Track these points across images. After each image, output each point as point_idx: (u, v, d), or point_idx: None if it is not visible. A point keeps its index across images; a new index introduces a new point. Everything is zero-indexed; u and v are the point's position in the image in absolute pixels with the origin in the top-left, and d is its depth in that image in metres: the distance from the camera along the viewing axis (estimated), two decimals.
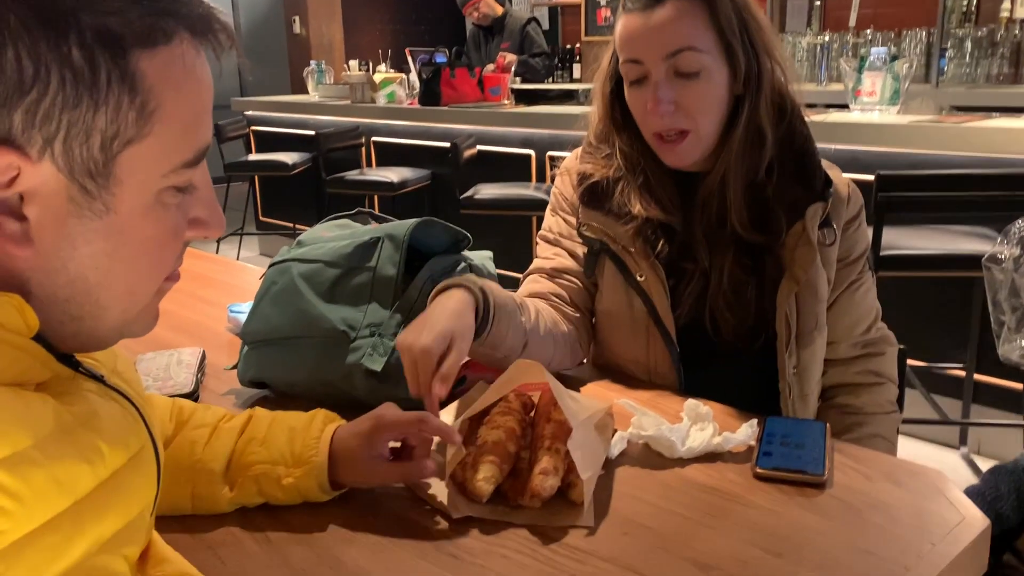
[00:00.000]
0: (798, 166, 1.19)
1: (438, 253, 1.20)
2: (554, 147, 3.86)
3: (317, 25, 6.70)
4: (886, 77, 2.96)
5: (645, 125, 1.19)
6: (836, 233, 1.21)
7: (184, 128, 0.56)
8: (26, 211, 0.52)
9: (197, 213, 0.61)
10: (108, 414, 0.59)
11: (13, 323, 0.52)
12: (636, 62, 1.15)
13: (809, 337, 1.21)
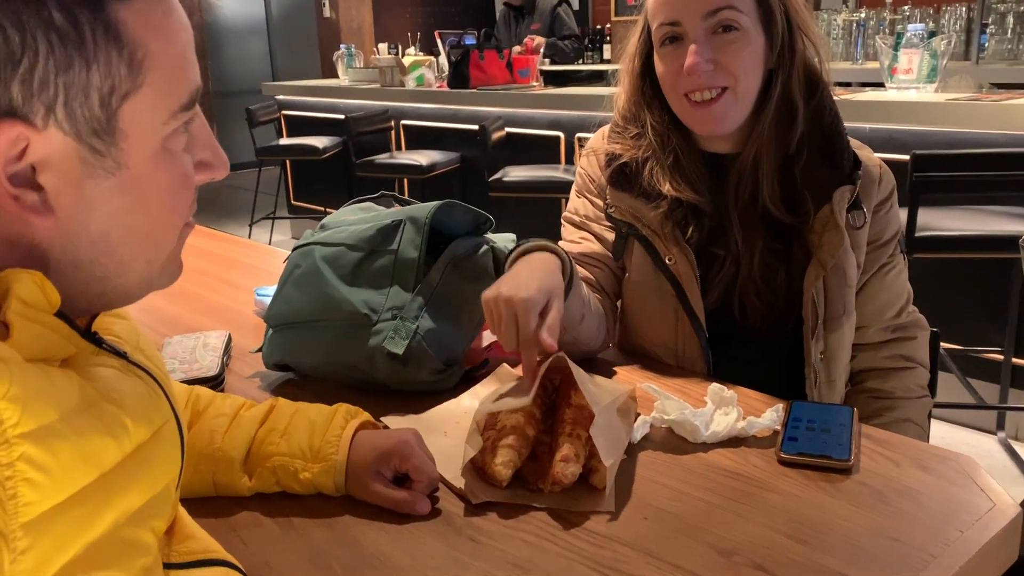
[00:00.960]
0: (826, 146, 1.17)
1: (460, 235, 1.20)
2: (583, 129, 3.82)
3: (347, 8, 6.70)
4: (923, 54, 2.89)
5: (677, 87, 1.15)
6: (866, 215, 1.19)
7: (174, 72, 0.56)
8: (41, 180, 0.52)
9: (200, 156, 0.62)
10: (131, 390, 0.59)
11: (35, 299, 0.52)
12: (673, 23, 1.13)
13: (837, 322, 1.19)
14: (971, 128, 2.57)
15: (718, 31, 1.11)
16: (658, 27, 1.15)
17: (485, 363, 1.18)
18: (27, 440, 0.47)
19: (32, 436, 0.48)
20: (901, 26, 3.98)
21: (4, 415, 0.47)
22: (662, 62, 1.17)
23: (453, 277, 1.14)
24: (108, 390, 0.56)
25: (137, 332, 0.69)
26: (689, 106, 1.15)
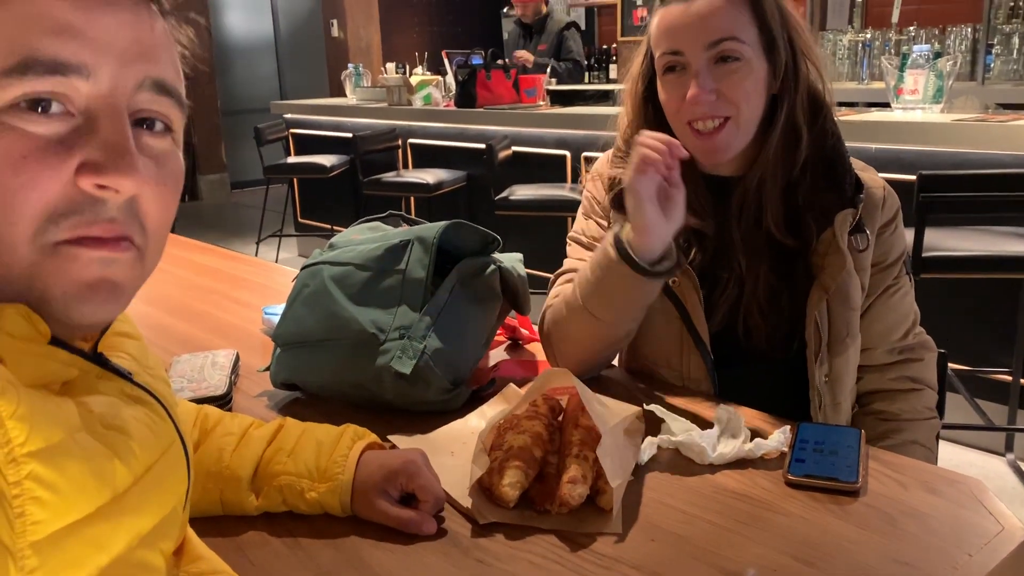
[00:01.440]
0: (828, 169, 1.17)
1: (467, 255, 1.20)
2: (589, 148, 3.84)
3: (355, 28, 6.75)
4: (929, 75, 2.90)
5: (680, 115, 1.15)
6: (869, 238, 1.19)
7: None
8: None
9: (90, 155, 0.52)
10: (134, 414, 0.59)
11: (23, 331, 0.52)
12: (676, 53, 1.13)
13: (841, 345, 1.18)
14: (977, 148, 2.58)
15: (720, 61, 1.12)
16: (661, 55, 1.15)
17: (492, 383, 1.18)
18: (35, 459, 0.47)
19: (40, 455, 0.48)
20: (907, 47, 4.00)
21: (12, 434, 0.47)
22: (665, 90, 1.17)
23: (460, 297, 1.15)
24: (107, 416, 0.56)
25: (146, 351, 0.69)
26: (692, 135, 1.16)
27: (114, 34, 0.54)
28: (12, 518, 0.46)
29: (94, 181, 0.52)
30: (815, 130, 1.17)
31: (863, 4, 5.35)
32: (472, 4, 9.39)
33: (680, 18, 1.12)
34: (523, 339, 1.41)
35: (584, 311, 1.14)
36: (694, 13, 1.11)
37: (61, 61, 0.51)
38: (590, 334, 1.17)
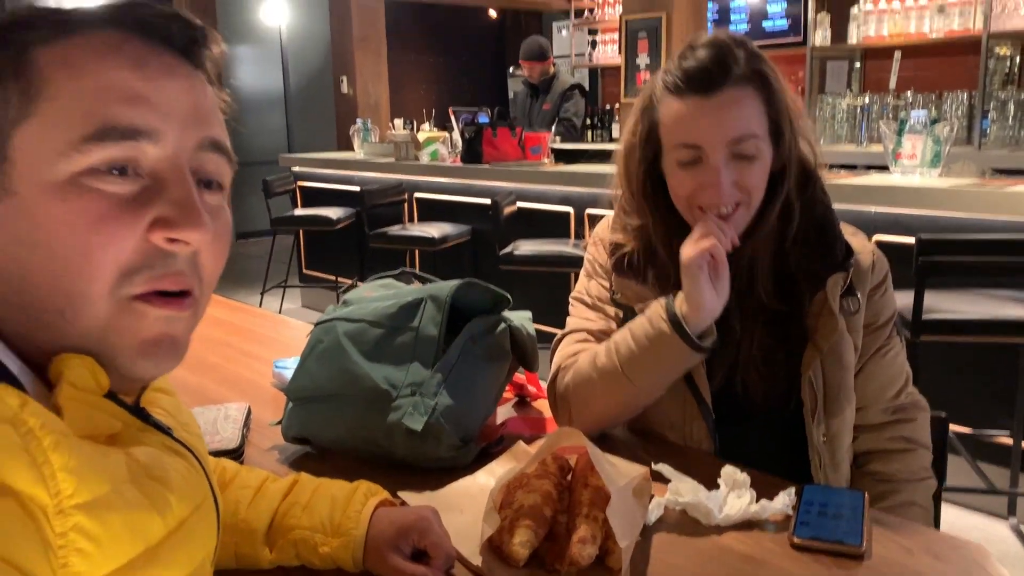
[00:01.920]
0: (819, 235, 1.21)
1: (478, 313, 1.23)
2: (592, 205, 3.90)
3: (364, 85, 6.89)
4: (926, 140, 2.97)
5: (693, 201, 1.17)
6: (860, 301, 1.22)
7: (76, 103, 0.55)
8: None
9: (161, 212, 0.56)
10: (175, 466, 0.61)
11: (84, 383, 0.55)
12: (695, 147, 1.13)
13: (837, 405, 1.21)
14: (975, 213, 2.62)
15: (738, 155, 1.14)
16: (677, 147, 1.15)
17: (500, 440, 1.19)
18: (80, 511, 0.50)
19: (86, 507, 0.50)
20: (904, 112, 4.09)
21: (62, 486, 0.49)
22: (677, 178, 1.17)
23: (471, 355, 1.17)
24: (152, 467, 0.58)
25: (180, 407, 0.72)
26: (701, 215, 1.17)
27: (176, 101, 0.59)
28: (56, 568, 0.48)
29: (166, 235, 0.56)
30: (805, 199, 1.21)
31: (861, 69, 5.47)
32: (479, 63, 9.61)
33: (699, 113, 1.12)
34: (531, 396, 1.43)
35: (623, 379, 1.17)
36: (714, 108, 1.11)
37: (134, 127, 0.56)
38: (622, 401, 1.20)
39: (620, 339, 1.19)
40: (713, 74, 1.11)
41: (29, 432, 0.49)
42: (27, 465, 0.48)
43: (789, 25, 5.58)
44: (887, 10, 5.08)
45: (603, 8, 7.01)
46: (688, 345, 1.13)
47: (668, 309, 1.15)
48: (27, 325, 0.56)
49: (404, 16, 8.22)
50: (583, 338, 1.28)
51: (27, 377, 0.55)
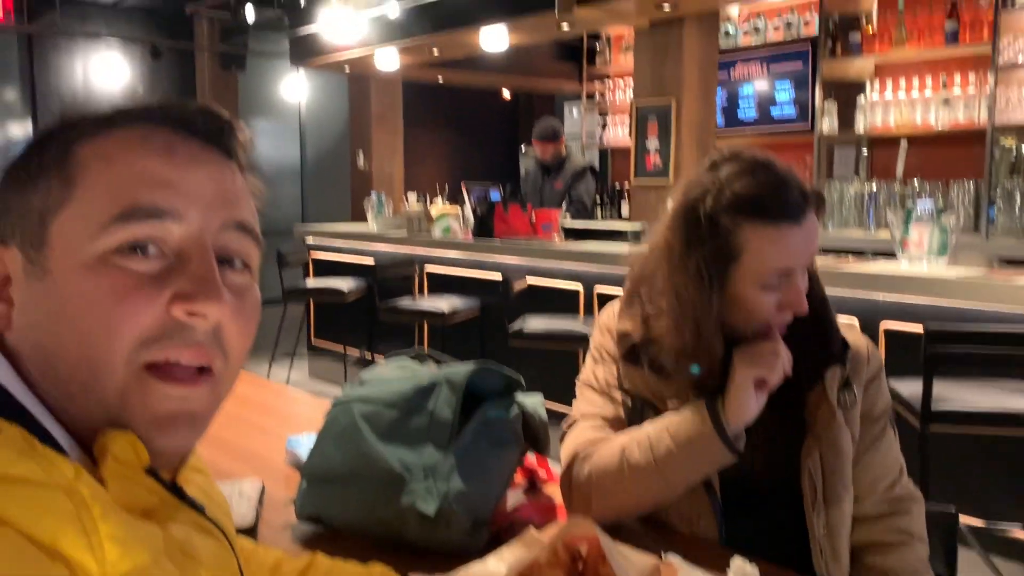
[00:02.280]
0: (816, 329, 1.24)
1: (492, 395, 1.25)
2: (602, 282, 3.94)
3: (380, 160, 7.05)
4: (933, 229, 3.01)
5: (766, 317, 1.19)
6: (856, 395, 1.25)
7: (107, 187, 0.59)
8: (11, 292, 0.60)
9: (181, 286, 0.59)
10: (205, 544, 0.64)
11: (127, 458, 0.58)
12: (789, 270, 1.17)
13: (835, 496, 1.22)
14: (983, 304, 2.65)
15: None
16: (771, 271, 1.16)
17: (511, 525, 1.20)
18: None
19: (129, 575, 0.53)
20: (911, 201, 4.16)
21: (108, 554, 0.52)
22: (758, 299, 1.17)
23: (484, 439, 1.19)
24: (186, 542, 0.61)
25: (212, 485, 0.74)
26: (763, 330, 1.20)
27: (202, 186, 0.63)
28: None
29: (185, 308, 0.59)
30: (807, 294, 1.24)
31: (869, 156, 5.57)
32: (492, 141, 9.82)
33: (796, 240, 1.15)
34: (541, 480, 1.43)
35: (656, 475, 1.18)
36: (805, 234, 1.16)
37: (158, 207, 0.60)
38: (649, 497, 1.22)
39: (656, 436, 1.20)
40: (800, 202, 1.16)
41: (81, 501, 0.52)
42: (78, 533, 0.51)
43: (797, 113, 5.71)
44: (893, 101, 5.20)
45: (614, 92, 7.19)
46: (726, 446, 1.16)
47: (711, 410, 1.17)
48: (61, 399, 0.59)
49: (421, 94, 8.45)
50: (597, 425, 1.29)
51: (75, 451, 0.58)
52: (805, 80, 5.59)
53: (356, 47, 6.09)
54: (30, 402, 0.58)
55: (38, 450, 0.53)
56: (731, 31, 6.09)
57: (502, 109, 9.80)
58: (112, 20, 8.14)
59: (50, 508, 0.51)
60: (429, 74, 7.20)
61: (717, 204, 1.17)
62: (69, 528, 0.51)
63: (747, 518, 1.25)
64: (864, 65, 5.36)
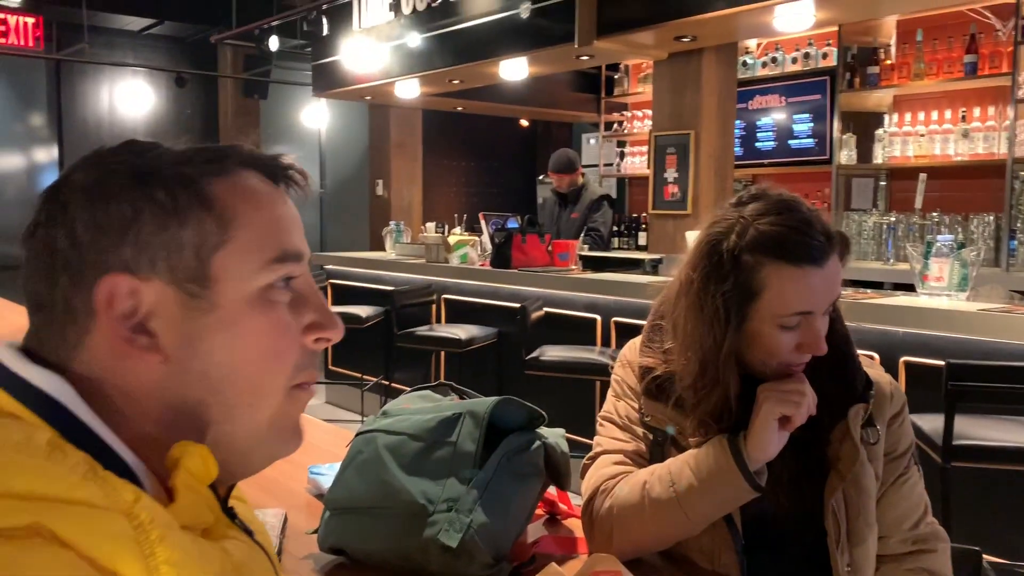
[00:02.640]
0: (839, 367, 1.24)
1: (514, 429, 1.25)
2: (619, 313, 3.95)
3: (399, 189, 7.11)
4: (953, 264, 3.00)
5: (783, 358, 1.19)
6: (879, 432, 1.25)
7: (262, 231, 0.65)
8: (151, 325, 0.62)
9: (311, 318, 0.68)
10: (254, 566, 0.66)
11: (198, 471, 0.60)
12: (809, 313, 1.17)
13: (860, 535, 1.22)
14: (1004, 338, 2.63)
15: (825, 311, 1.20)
16: (790, 315, 1.16)
17: (532, 560, 1.20)
18: None
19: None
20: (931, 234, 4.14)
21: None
22: (776, 339, 1.18)
23: (506, 472, 1.19)
24: (240, 565, 0.63)
25: (253, 517, 0.76)
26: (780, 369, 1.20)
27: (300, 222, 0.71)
28: None
29: (318, 336, 0.68)
30: (829, 333, 1.23)
31: (887, 187, 5.57)
32: (509, 171, 9.89)
33: (816, 281, 1.15)
34: (561, 514, 1.44)
35: (678, 511, 1.19)
36: (826, 277, 1.16)
37: (299, 251, 0.69)
38: (670, 532, 1.22)
39: (677, 471, 1.20)
40: (824, 245, 1.16)
41: (140, 525, 0.54)
42: (136, 557, 0.52)
43: (815, 144, 5.72)
44: (912, 133, 5.21)
45: (631, 122, 7.24)
46: (748, 482, 1.16)
47: (732, 446, 1.17)
48: (219, 419, 0.64)
49: (440, 123, 8.53)
50: (619, 460, 1.29)
51: (142, 470, 0.60)
52: (823, 112, 5.61)
53: (377, 77, 6.17)
54: (100, 428, 0.60)
55: (100, 474, 0.55)
56: (749, 62, 6.13)
57: (520, 138, 9.87)
58: (139, 48, 8.30)
59: (110, 532, 0.52)
60: (448, 103, 7.28)
61: (740, 241, 1.17)
62: (127, 552, 0.52)
63: (769, 554, 1.24)
64: (882, 97, 5.38)
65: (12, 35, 6.42)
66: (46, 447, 0.55)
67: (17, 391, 0.59)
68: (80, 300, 0.61)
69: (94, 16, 7.32)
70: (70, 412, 0.59)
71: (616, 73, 7.25)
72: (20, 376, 0.60)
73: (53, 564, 0.49)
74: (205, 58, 8.40)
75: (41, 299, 0.63)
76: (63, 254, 0.62)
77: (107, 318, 0.61)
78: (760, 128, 6.11)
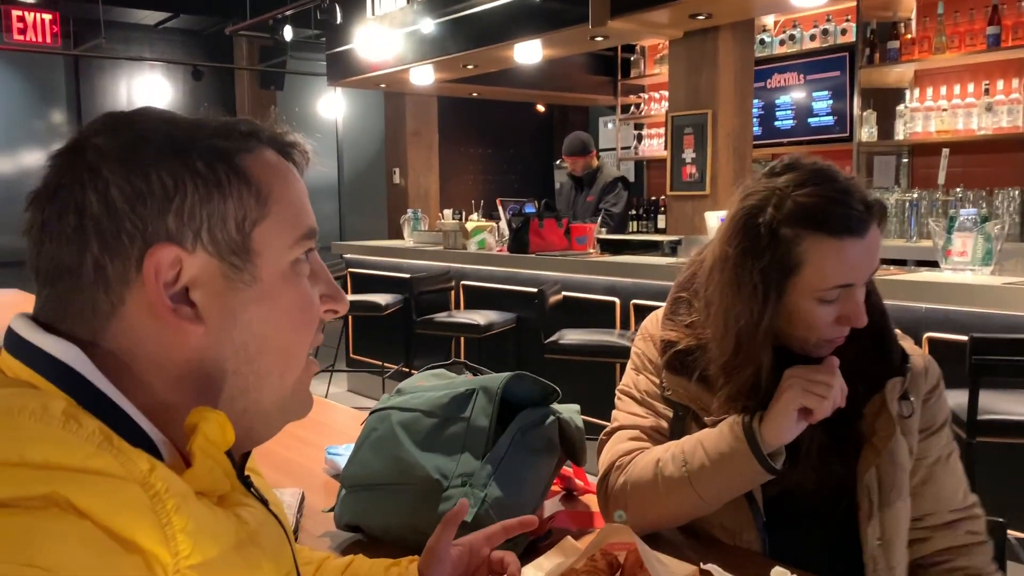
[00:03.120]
0: (875, 341, 1.22)
1: (528, 405, 1.25)
2: (638, 295, 3.92)
3: (415, 177, 7.11)
4: (977, 238, 2.95)
5: (823, 332, 1.17)
6: (914, 405, 1.22)
7: (292, 207, 0.68)
8: (193, 296, 0.63)
9: (322, 291, 0.70)
10: (268, 534, 0.66)
11: (216, 437, 0.60)
12: (849, 285, 1.14)
13: (892, 508, 1.20)
14: None
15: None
16: (832, 288, 1.13)
17: (549, 534, 1.20)
18: (195, 572, 0.54)
19: (199, 568, 0.54)
20: (954, 209, 4.08)
21: (181, 547, 0.54)
22: (817, 312, 1.15)
23: (520, 447, 1.19)
24: (253, 532, 0.63)
25: (270, 489, 0.77)
26: (824, 343, 1.18)
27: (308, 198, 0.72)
28: None
29: (330, 307, 0.71)
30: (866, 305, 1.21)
31: (909, 164, 5.49)
32: (526, 157, 9.85)
33: (859, 254, 1.12)
34: (577, 490, 1.43)
35: (690, 490, 1.17)
36: (867, 249, 1.12)
37: (315, 229, 0.71)
38: (684, 511, 1.21)
39: (690, 451, 1.19)
40: (864, 215, 1.12)
41: (156, 495, 0.54)
42: (153, 525, 0.53)
43: (835, 122, 5.65)
44: (934, 108, 5.12)
45: (648, 104, 7.19)
46: (761, 465, 1.14)
47: (747, 429, 1.15)
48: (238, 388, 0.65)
49: (455, 111, 8.52)
50: (635, 435, 1.28)
51: (158, 436, 0.61)
52: (843, 88, 5.54)
53: (391, 64, 6.16)
54: (115, 395, 0.60)
55: (115, 443, 0.55)
56: (766, 40, 6.05)
57: (537, 123, 9.83)
58: (155, 42, 8.34)
59: (127, 501, 0.53)
60: (463, 89, 7.26)
61: (778, 214, 1.13)
62: (144, 521, 0.53)
63: (794, 532, 1.23)
64: (903, 72, 5.29)
65: (30, 32, 6.48)
66: (61, 416, 0.55)
67: (32, 360, 0.59)
68: (116, 268, 0.60)
69: (110, 11, 7.37)
70: (86, 380, 0.59)
71: (632, 55, 7.19)
72: (35, 345, 0.60)
73: (71, 533, 0.49)
74: (221, 51, 8.43)
75: (64, 266, 0.61)
76: (96, 220, 0.60)
77: (151, 288, 0.61)
78: (779, 107, 6.05)
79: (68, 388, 0.58)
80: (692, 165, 4.86)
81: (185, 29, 8.49)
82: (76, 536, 0.49)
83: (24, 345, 0.60)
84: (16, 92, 7.71)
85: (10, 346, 0.61)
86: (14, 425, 0.53)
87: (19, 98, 7.72)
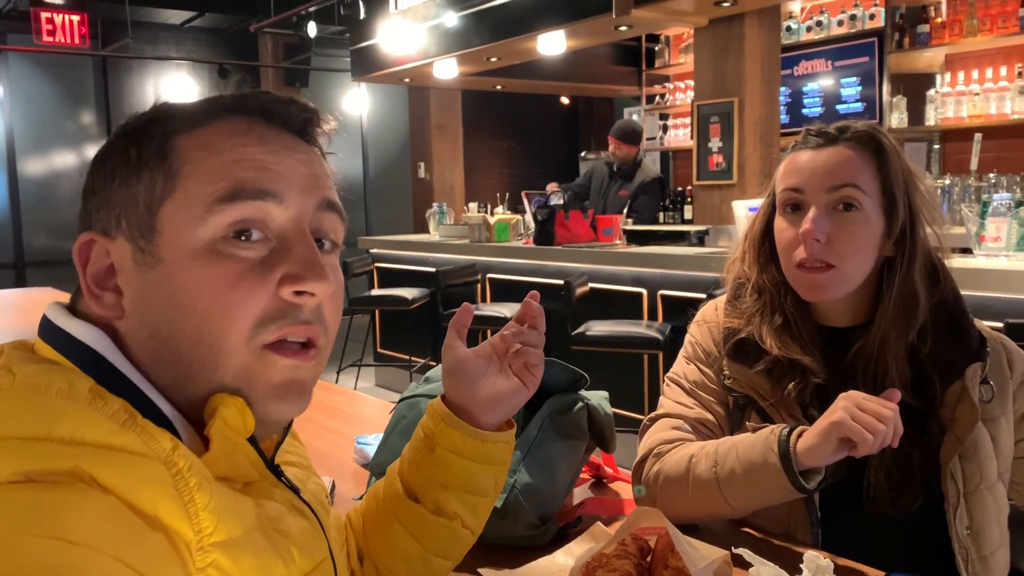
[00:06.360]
0: (952, 327, 1.18)
1: (556, 391, 1.24)
2: (665, 286, 3.90)
3: (441, 171, 7.12)
4: (1011, 223, 2.90)
5: (791, 255, 1.19)
6: (993, 390, 1.18)
7: (212, 175, 0.62)
8: (119, 283, 0.63)
9: (289, 269, 0.62)
10: (297, 523, 0.66)
11: (235, 422, 0.61)
12: (797, 190, 1.19)
13: (979, 495, 1.16)
14: None
15: (839, 208, 1.15)
16: (783, 191, 1.21)
17: (578, 520, 1.19)
18: (218, 549, 0.55)
19: (223, 546, 0.55)
20: (987, 194, 4.01)
21: (204, 524, 0.54)
22: (780, 226, 1.22)
23: (549, 433, 1.18)
24: (279, 519, 0.63)
25: (310, 478, 0.77)
26: (797, 270, 1.19)
27: (295, 170, 0.66)
28: None
29: (293, 289, 0.63)
30: (936, 294, 1.18)
31: (940, 150, 5.41)
32: (551, 149, 9.83)
33: (807, 160, 1.19)
34: (607, 477, 1.43)
35: (718, 494, 1.15)
36: (822, 160, 1.18)
37: (260, 188, 0.63)
38: (712, 512, 1.19)
39: (724, 453, 1.15)
40: (829, 133, 1.20)
41: (179, 472, 0.54)
42: (176, 502, 0.53)
43: (864, 108, 5.58)
44: (966, 92, 5.04)
45: (674, 94, 7.13)
46: (791, 483, 1.09)
47: (781, 442, 1.10)
48: (177, 378, 0.62)
49: (479, 103, 8.51)
50: (677, 425, 1.25)
51: (178, 420, 0.61)
52: (872, 74, 5.46)
53: (415, 58, 6.17)
54: (137, 378, 0.60)
55: (139, 422, 0.56)
56: (793, 27, 5.98)
57: (561, 115, 9.80)
58: (181, 41, 8.42)
59: (150, 478, 0.53)
60: (487, 82, 7.25)
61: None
62: (167, 498, 0.53)
63: (856, 526, 1.19)
64: (934, 56, 5.21)
65: (59, 33, 6.56)
66: (88, 394, 0.56)
67: (60, 343, 0.61)
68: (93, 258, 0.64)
69: (136, 11, 7.45)
70: (108, 362, 0.60)
71: (657, 44, 7.14)
72: (62, 329, 0.62)
73: (97, 508, 0.50)
74: (246, 49, 8.49)
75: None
76: (80, 213, 0.65)
77: (81, 277, 0.63)
78: (806, 94, 5.98)
79: (92, 369, 0.59)
80: (719, 154, 4.82)
81: (210, 28, 8.56)
82: (103, 510, 0.50)
83: (54, 330, 0.62)
84: (47, 94, 7.81)
85: (43, 332, 0.63)
86: (41, 401, 0.54)
87: (50, 100, 7.83)
